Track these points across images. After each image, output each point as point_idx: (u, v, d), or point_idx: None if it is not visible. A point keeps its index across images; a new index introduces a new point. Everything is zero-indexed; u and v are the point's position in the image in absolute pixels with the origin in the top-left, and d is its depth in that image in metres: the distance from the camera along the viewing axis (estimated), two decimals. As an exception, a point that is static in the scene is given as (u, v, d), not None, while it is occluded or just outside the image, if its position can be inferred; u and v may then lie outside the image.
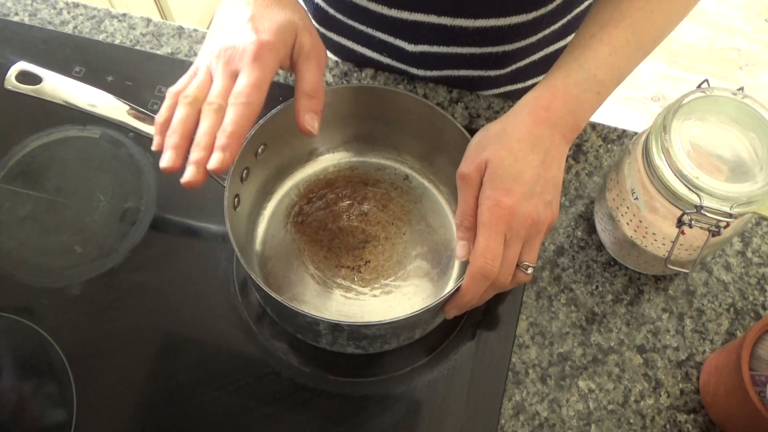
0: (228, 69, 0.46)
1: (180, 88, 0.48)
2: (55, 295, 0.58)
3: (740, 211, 0.47)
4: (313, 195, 0.62)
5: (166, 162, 0.45)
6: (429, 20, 0.62)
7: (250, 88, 0.45)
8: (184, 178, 0.44)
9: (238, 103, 0.45)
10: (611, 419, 0.55)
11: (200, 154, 0.44)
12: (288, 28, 0.49)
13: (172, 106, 0.47)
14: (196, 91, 0.46)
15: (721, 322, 0.58)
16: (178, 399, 0.55)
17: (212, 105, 0.45)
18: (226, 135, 0.44)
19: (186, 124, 0.45)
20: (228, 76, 0.46)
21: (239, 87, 0.45)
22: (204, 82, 0.47)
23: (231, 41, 0.47)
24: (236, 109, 0.45)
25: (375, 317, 0.56)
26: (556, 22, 0.66)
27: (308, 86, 0.50)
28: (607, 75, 0.52)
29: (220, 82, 0.46)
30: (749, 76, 1.94)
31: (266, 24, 0.48)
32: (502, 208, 0.48)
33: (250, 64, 0.46)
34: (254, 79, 0.46)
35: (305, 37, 0.50)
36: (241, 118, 0.45)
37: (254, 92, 0.45)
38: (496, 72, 0.70)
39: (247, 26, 0.47)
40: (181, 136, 0.45)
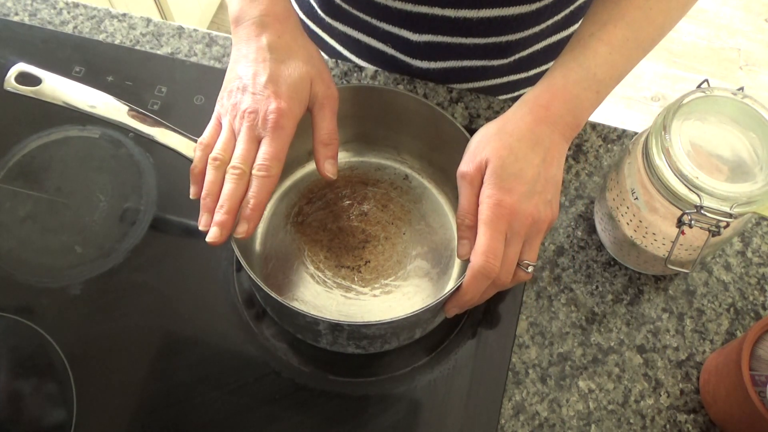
0: (251, 134, 0.51)
1: (207, 141, 0.52)
2: (55, 295, 0.58)
3: (740, 211, 0.47)
4: (313, 195, 0.62)
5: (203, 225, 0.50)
6: (433, 12, 0.62)
7: (271, 161, 0.50)
8: (209, 238, 0.49)
9: (260, 176, 0.49)
10: (611, 419, 0.55)
11: (224, 217, 0.49)
12: (303, 84, 0.52)
13: (204, 157, 0.52)
14: (223, 154, 0.51)
15: (721, 322, 0.58)
16: (178, 399, 0.55)
17: (236, 170, 0.50)
18: (250, 207, 0.49)
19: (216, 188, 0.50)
20: (251, 141, 0.50)
21: (261, 159, 0.50)
22: (229, 142, 0.51)
23: (253, 105, 0.51)
24: (258, 181, 0.49)
25: (375, 317, 0.56)
26: (559, 12, 0.66)
27: (324, 136, 0.53)
28: (606, 74, 0.52)
29: (244, 146, 0.50)
30: (749, 76, 1.94)
31: (284, 87, 0.51)
32: (503, 207, 0.48)
33: (272, 134, 0.50)
34: (275, 152, 0.50)
35: (318, 86, 0.53)
36: (263, 191, 0.49)
37: (275, 164, 0.50)
38: (499, 62, 0.70)
39: (266, 90, 0.51)
40: (213, 199, 0.50)
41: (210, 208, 0.50)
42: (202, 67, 0.70)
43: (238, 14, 0.54)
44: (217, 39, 0.72)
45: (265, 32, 0.53)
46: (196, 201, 0.63)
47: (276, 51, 0.53)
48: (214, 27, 1.95)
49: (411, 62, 0.69)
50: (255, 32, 0.53)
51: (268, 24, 0.53)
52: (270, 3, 0.54)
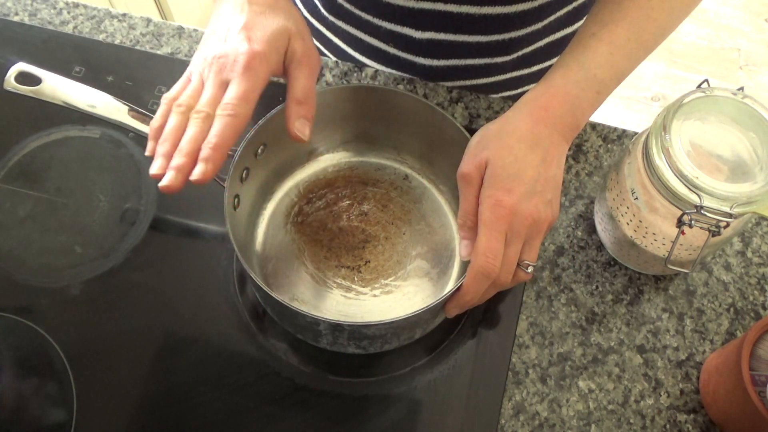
0: (219, 78, 0.47)
1: (173, 95, 0.49)
2: (55, 295, 0.58)
3: (740, 211, 0.47)
4: (312, 195, 0.62)
5: (156, 169, 0.45)
6: (435, 8, 0.62)
7: (238, 100, 0.46)
8: (162, 183, 0.45)
9: (224, 114, 0.46)
10: (611, 419, 0.55)
11: (181, 160, 0.45)
12: (281, 35, 0.49)
13: (166, 113, 0.48)
14: (188, 100, 0.47)
15: (721, 322, 0.58)
16: (178, 399, 0.55)
17: (200, 113, 0.46)
18: (210, 146, 0.45)
19: (177, 133, 0.46)
20: (218, 85, 0.47)
21: (227, 98, 0.46)
22: (196, 90, 0.47)
23: (224, 49, 0.47)
24: (222, 120, 0.45)
25: (375, 317, 0.56)
26: (562, 8, 0.66)
27: (299, 92, 0.50)
28: (607, 74, 0.52)
29: (210, 90, 0.47)
30: (749, 76, 1.94)
31: (259, 33, 0.48)
32: (503, 207, 0.48)
33: (241, 75, 0.46)
34: (243, 91, 0.46)
35: (297, 43, 0.50)
36: (227, 130, 0.45)
37: (242, 104, 0.46)
38: (502, 59, 0.70)
39: (240, 35, 0.48)
40: (172, 144, 0.46)
41: (167, 153, 0.46)
42: (202, 67, 0.70)
43: None
44: (217, 39, 0.72)
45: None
46: (196, 201, 0.63)
47: (256, 4, 0.50)
48: (214, 27, 1.95)
49: (414, 60, 0.69)
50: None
51: None
52: None
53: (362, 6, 0.66)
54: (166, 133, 0.46)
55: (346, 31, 0.72)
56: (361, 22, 0.68)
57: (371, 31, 0.69)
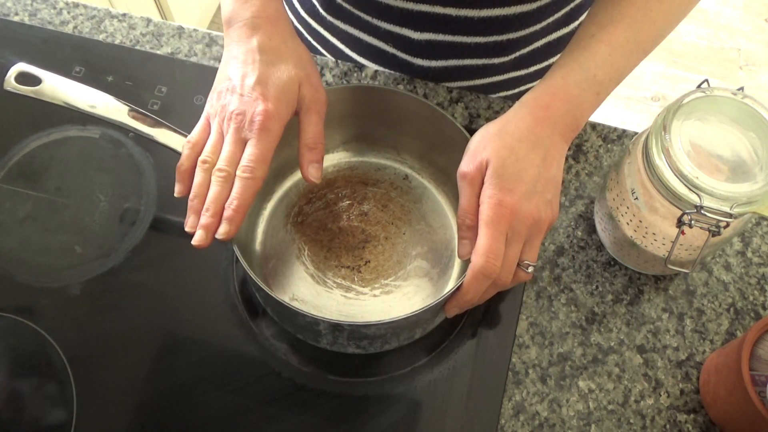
0: (237, 135, 0.51)
1: (197, 139, 0.53)
2: (55, 295, 0.58)
3: (740, 211, 0.47)
4: (312, 195, 0.62)
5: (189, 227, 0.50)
6: (434, 10, 0.62)
7: (255, 162, 0.50)
8: (194, 241, 0.49)
9: (243, 177, 0.50)
10: (611, 419, 0.55)
11: (209, 220, 0.49)
12: (291, 86, 0.52)
13: (191, 156, 0.52)
14: (211, 156, 0.51)
15: (721, 322, 0.58)
16: (178, 399, 0.55)
17: (222, 173, 0.50)
18: (233, 208, 0.49)
19: (203, 189, 0.51)
20: (237, 143, 0.51)
21: (246, 160, 0.50)
22: (217, 144, 0.52)
23: (241, 107, 0.51)
24: (242, 182, 0.50)
25: (375, 317, 0.56)
26: (560, 9, 0.67)
27: (309, 140, 0.54)
28: (606, 75, 0.52)
29: (229, 148, 0.51)
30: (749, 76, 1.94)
31: (272, 89, 0.52)
32: (504, 207, 0.48)
33: (258, 136, 0.50)
34: (260, 153, 0.50)
35: (306, 89, 0.53)
36: (246, 192, 0.50)
37: (259, 166, 0.50)
38: (500, 60, 0.70)
39: (255, 91, 0.51)
40: (200, 201, 0.51)
41: (197, 210, 0.51)
42: (202, 67, 0.70)
43: (230, 15, 0.55)
44: (217, 39, 0.72)
45: (256, 34, 0.53)
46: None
47: (266, 53, 0.53)
48: (214, 27, 1.95)
49: (412, 61, 0.70)
50: (246, 34, 0.54)
51: (259, 26, 0.54)
52: (262, 5, 0.54)
53: (361, 6, 0.66)
54: (195, 190, 0.51)
55: (345, 31, 0.72)
56: (360, 22, 0.69)
57: (370, 31, 0.69)
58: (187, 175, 0.52)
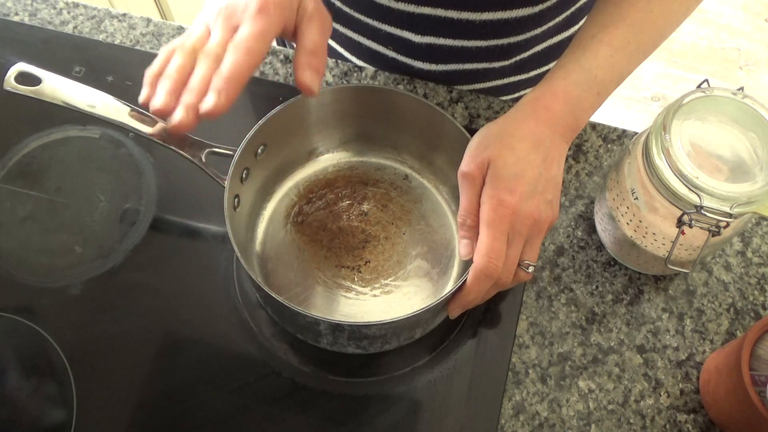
0: (228, 23, 0.44)
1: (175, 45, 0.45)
2: (55, 295, 0.58)
3: (740, 211, 0.47)
4: (312, 195, 0.62)
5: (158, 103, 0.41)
6: (435, 13, 0.62)
7: (252, 37, 0.42)
8: (172, 121, 0.41)
9: (237, 48, 0.42)
10: (611, 419, 0.55)
11: (193, 98, 0.41)
12: None
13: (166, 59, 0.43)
14: (194, 42, 0.43)
15: (721, 322, 0.58)
16: (178, 399, 0.55)
17: (210, 54, 0.42)
18: (223, 78, 0.41)
19: (182, 71, 0.42)
20: (228, 29, 0.43)
21: (240, 36, 0.42)
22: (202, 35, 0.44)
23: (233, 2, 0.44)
24: (235, 54, 0.42)
25: (375, 317, 0.56)
26: (561, 13, 0.67)
27: (309, 43, 0.46)
28: (607, 75, 0.52)
29: (219, 34, 0.43)
30: (749, 76, 1.94)
31: None
32: (506, 207, 0.48)
33: (253, 17, 0.43)
34: (257, 30, 0.43)
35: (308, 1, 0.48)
36: (240, 64, 0.42)
37: (256, 41, 0.42)
38: (500, 63, 0.70)
39: None
40: (176, 81, 0.42)
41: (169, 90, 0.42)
42: (202, 67, 0.70)
43: None
44: (217, 39, 0.72)
45: None
46: (196, 201, 0.63)
47: None
48: (214, 27, 1.95)
49: (412, 64, 0.69)
50: None
51: None
52: None
53: (361, 9, 0.66)
54: (169, 70, 0.42)
55: (344, 34, 0.71)
56: (360, 25, 0.68)
57: (370, 35, 0.69)
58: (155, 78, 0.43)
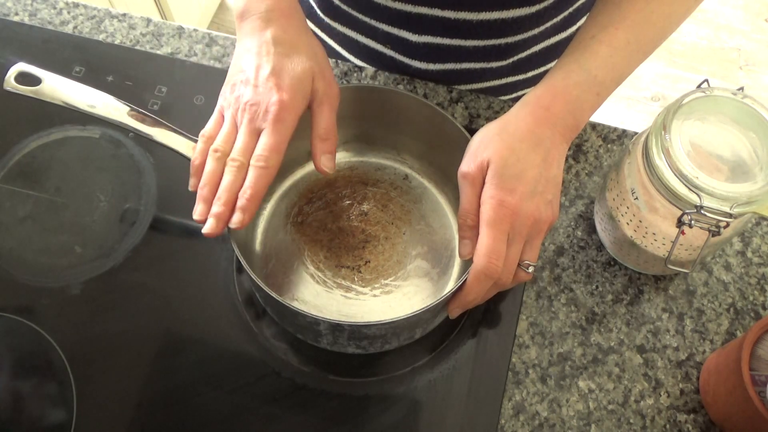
0: (251, 126, 0.51)
1: (209, 133, 0.52)
2: (55, 295, 0.58)
3: (740, 211, 0.47)
4: (312, 195, 0.62)
5: (198, 215, 0.50)
6: (433, 13, 0.62)
7: (269, 152, 0.50)
8: (205, 230, 0.49)
9: (258, 166, 0.50)
10: (611, 419, 0.55)
11: (220, 209, 0.49)
12: (306, 78, 0.52)
13: (204, 151, 0.52)
14: (224, 146, 0.51)
15: (721, 322, 0.58)
16: (178, 399, 0.55)
17: (235, 162, 0.50)
18: (246, 197, 0.49)
19: (215, 178, 0.51)
20: (251, 133, 0.51)
21: (260, 149, 0.50)
22: (230, 134, 0.52)
23: (255, 97, 0.51)
24: (256, 172, 0.50)
25: (375, 317, 0.56)
26: (559, 14, 0.67)
27: (322, 131, 0.53)
28: (607, 76, 0.52)
29: (243, 139, 0.51)
30: (749, 76, 1.94)
31: (287, 80, 0.51)
32: (506, 208, 0.48)
33: (272, 126, 0.50)
34: (274, 143, 0.50)
35: (319, 83, 0.53)
36: (260, 181, 0.50)
37: (273, 156, 0.50)
38: (498, 63, 0.70)
39: (269, 82, 0.51)
40: (210, 190, 0.50)
41: (206, 199, 0.50)
42: (202, 67, 0.70)
43: (243, 9, 0.55)
44: (217, 39, 0.72)
45: (270, 26, 0.53)
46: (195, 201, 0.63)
47: (280, 45, 0.53)
48: (214, 27, 1.95)
49: (410, 63, 0.69)
50: (260, 26, 0.53)
51: (273, 19, 0.54)
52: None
53: (359, 8, 0.66)
54: (206, 178, 0.51)
55: (342, 33, 0.72)
56: (358, 23, 0.68)
57: (368, 33, 0.69)
58: (201, 168, 0.52)
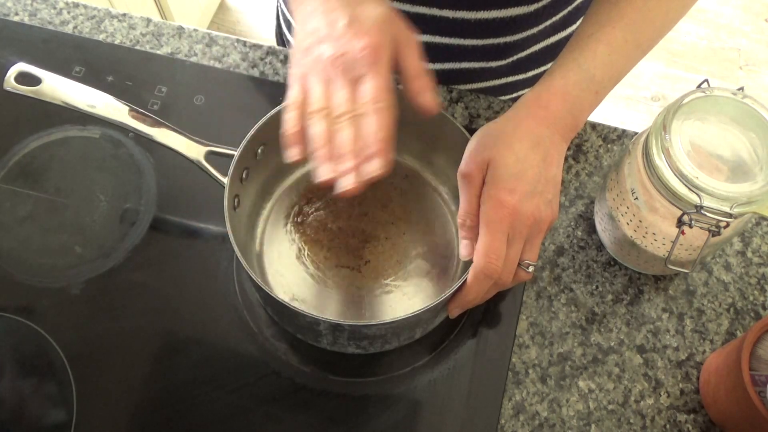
0: (347, 76, 0.45)
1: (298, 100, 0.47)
2: (55, 295, 0.58)
3: (740, 211, 0.47)
4: (312, 195, 0.62)
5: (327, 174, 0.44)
6: (431, 12, 0.62)
7: (383, 92, 0.45)
8: (344, 188, 0.43)
9: (377, 108, 0.44)
10: (611, 419, 0.55)
11: (353, 162, 0.43)
12: (387, 21, 0.47)
13: (299, 117, 0.46)
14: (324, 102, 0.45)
15: (721, 322, 0.58)
16: (178, 399, 0.55)
17: (346, 115, 0.44)
18: (380, 139, 0.43)
19: (328, 136, 0.45)
20: (350, 84, 0.45)
21: (371, 92, 0.45)
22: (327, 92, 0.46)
23: (340, 48, 0.45)
24: (377, 114, 0.44)
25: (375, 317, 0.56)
26: (557, 13, 0.67)
27: (413, 70, 0.48)
28: (605, 75, 0.52)
29: (345, 90, 0.45)
30: (749, 76, 1.94)
31: (368, 24, 0.46)
32: (506, 208, 0.48)
33: (371, 69, 0.45)
34: (382, 83, 0.45)
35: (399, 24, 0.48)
36: (386, 122, 0.44)
37: (387, 96, 0.45)
38: (497, 63, 0.70)
39: (350, 30, 0.46)
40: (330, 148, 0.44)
41: (330, 156, 0.44)
42: (202, 67, 0.70)
43: None
44: (217, 39, 0.72)
45: None
46: (196, 202, 0.63)
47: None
48: (214, 27, 1.95)
49: None
50: None
51: None
52: None
53: None
54: (320, 140, 0.45)
55: None
56: None
57: None
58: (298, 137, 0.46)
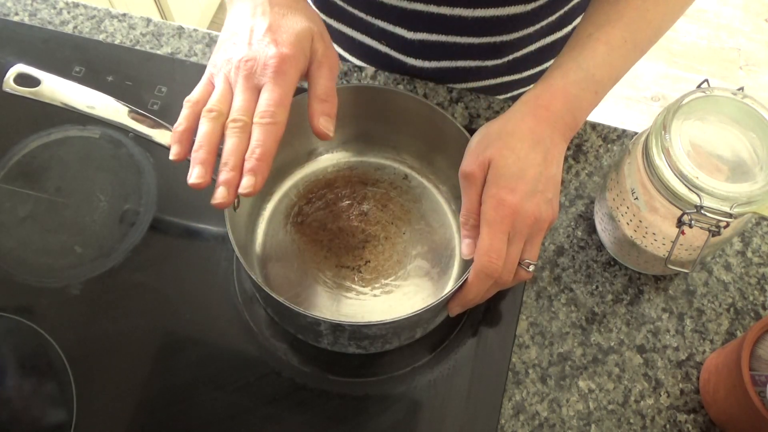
0: (250, 83, 0.46)
1: (197, 98, 0.47)
2: (55, 295, 0.58)
3: (740, 211, 0.47)
4: (312, 195, 0.62)
5: (195, 178, 0.44)
6: (428, 9, 0.62)
7: (276, 106, 0.45)
8: (215, 200, 0.44)
9: (264, 123, 0.44)
10: (611, 419, 0.55)
11: (230, 174, 0.44)
12: (305, 37, 0.48)
13: (191, 115, 0.46)
14: (219, 105, 0.45)
15: (721, 322, 0.58)
16: (178, 399, 0.55)
17: (237, 122, 0.44)
18: (256, 158, 0.44)
19: (212, 140, 0.44)
20: (250, 90, 0.45)
21: (264, 105, 0.45)
22: (225, 95, 0.46)
23: (251, 53, 0.46)
24: (264, 129, 0.44)
25: (375, 317, 0.56)
26: (554, 12, 0.67)
27: (321, 92, 0.49)
28: (604, 74, 0.53)
29: (243, 96, 0.45)
30: (749, 76, 1.94)
31: (285, 35, 0.47)
32: (506, 207, 0.48)
33: (273, 79, 0.45)
34: (278, 96, 0.45)
35: (318, 44, 0.49)
36: (269, 139, 0.44)
37: (279, 110, 0.45)
38: (493, 62, 0.70)
39: (266, 38, 0.46)
40: (208, 151, 0.44)
41: (205, 161, 0.44)
42: (202, 67, 0.69)
43: None
44: (217, 39, 0.72)
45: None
46: (196, 202, 0.63)
47: (276, 6, 0.49)
48: (214, 27, 1.95)
49: (405, 60, 0.69)
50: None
51: None
52: None
53: (355, 4, 0.66)
54: (201, 139, 0.44)
55: (338, 29, 0.72)
56: (354, 19, 0.68)
57: (363, 30, 0.69)
58: (186, 135, 0.45)
